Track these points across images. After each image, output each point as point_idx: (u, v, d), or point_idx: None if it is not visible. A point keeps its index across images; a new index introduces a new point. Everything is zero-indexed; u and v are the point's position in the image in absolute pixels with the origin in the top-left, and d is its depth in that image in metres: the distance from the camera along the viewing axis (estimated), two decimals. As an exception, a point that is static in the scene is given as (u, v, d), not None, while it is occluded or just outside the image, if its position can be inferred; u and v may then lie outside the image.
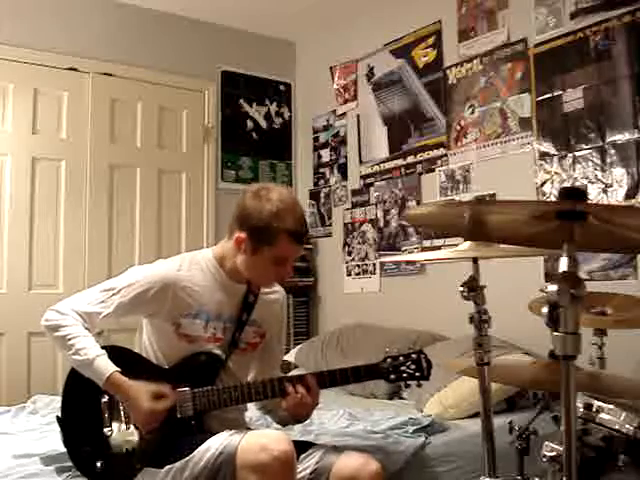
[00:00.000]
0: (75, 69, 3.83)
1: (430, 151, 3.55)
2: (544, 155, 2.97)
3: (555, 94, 2.93)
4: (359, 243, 3.97)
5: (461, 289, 1.63)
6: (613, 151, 2.72)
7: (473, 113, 3.32)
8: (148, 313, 1.92)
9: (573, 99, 2.86)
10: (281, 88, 4.58)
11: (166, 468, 1.67)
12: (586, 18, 2.84)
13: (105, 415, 1.80)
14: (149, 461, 1.75)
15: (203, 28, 4.27)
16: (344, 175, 4.13)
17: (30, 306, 3.31)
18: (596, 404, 1.57)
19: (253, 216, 1.83)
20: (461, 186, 3.36)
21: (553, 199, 2.86)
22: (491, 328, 1.66)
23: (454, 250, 1.79)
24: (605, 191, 2.74)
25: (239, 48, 4.41)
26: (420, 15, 3.63)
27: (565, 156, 2.89)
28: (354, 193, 4.05)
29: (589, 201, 1.50)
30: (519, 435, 1.71)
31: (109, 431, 1.79)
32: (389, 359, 1.87)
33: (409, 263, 3.58)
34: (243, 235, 1.85)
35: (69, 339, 1.77)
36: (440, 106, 3.51)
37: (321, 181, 4.34)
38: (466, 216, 1.20)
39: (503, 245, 1.68)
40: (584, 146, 2.82)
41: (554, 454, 1.45)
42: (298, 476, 1.70)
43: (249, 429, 1.90)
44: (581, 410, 1.58)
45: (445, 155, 3.46)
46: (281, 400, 1.82)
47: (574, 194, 1.09)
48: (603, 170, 2.75)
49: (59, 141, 3.77)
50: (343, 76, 4.17)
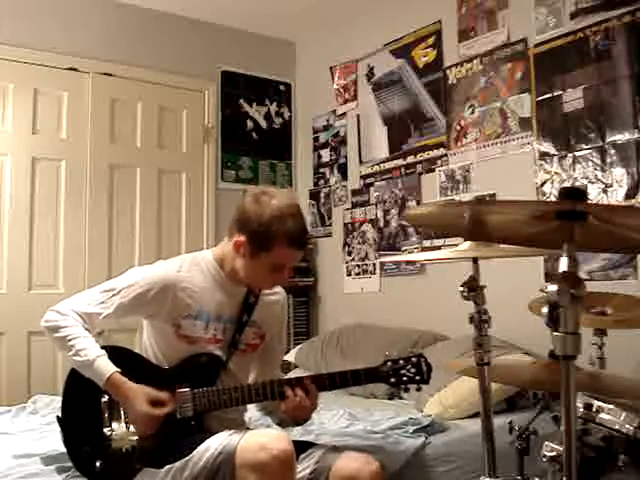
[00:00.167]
0: (75, 69, 3.83)
1: (430, 151, 3.55)
2: (544, 155, 2.97)
3: (555, 94, 2.93)
4: (359, 243, 3.97)
5: (461, 289, 1.63)
6: (613, 151, 2.72)
7: (473, 113, 3.32)
8: (148, 314, 1.92)
9: (573, 99, 2.86)
10: (281, 88, 4.58)
11: (166, 468, 1.67)
12: (586, 18, 2.84)
13: (105, 415, 1.79)
14: (149, 461, 1.75)
15: (203, 28, 4.27)
16: (344, 175, 4.13)
17: (30, 306, 3.31)
18: (596, 404, 1.57)
19: (253, 220, 1.83)
20: (461, 186, 3.36)
21: (553, 199, 2.86)
22: (491, 328, 1.66)
23: (454, 250, 1.79)
24: (605, 191, 2.74)
25: (239, 48, 4.41)
26: (420, 15, 3.63)
27: (565, 156, 2.89)
28: (354, 193, 4.05)
29: (589, 201, 1.50)
30: (519, 435, 1.71)
31: (109, 431, 1.78)
32: (389, 362, 1.86)
33: (409, 263, 3.58)
34: (242, 239, 1.84)
35: (69, 340, 1.77)
36: (440, 106, 3.50)
37: (321, 181, 4.34)
38: (466, 216, 1.20)
39: (503, 245, 1.68)
40: (584, 146, 2.82)
41: (554, 454, 1.45)
42: (298, 476, 1.70)
43: (249, 429, 1.90)
44: (581, 410, 1.58)
45: (445, 155, 3.46)
46: (280, 402, 1.82)
47: (574, 194, 1.09)
48: (603, 170, 2.75)
49: (59, 141, 3.77)
50: (343, 76, 4.17)
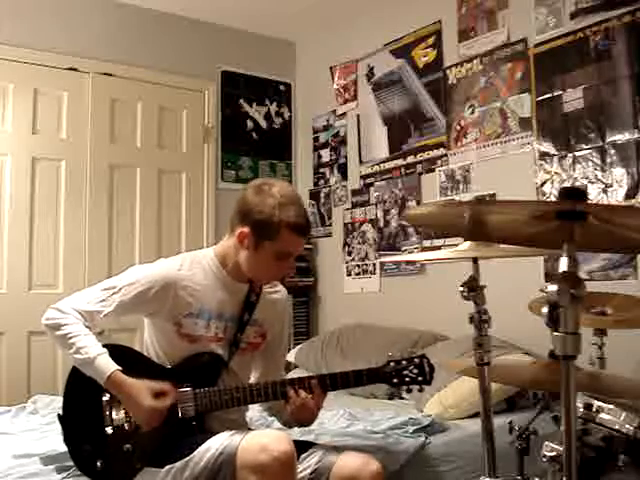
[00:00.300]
0: (75, 69, 3.82)
1: (430, 151, 3.55)
2: (544, 155, 2.97)
3: (555, 94, 2.93)
4: (359, 243, 3.97)
5: (461, 289, 1.63)
6: (613, 151, 2.72)
7: (473, 113, 3.32)
8: (149, 312, 1.92)
9: (573, 99, 2.86)
10: (281, 88, 4.58)
11: (166, 468, 1.67)
12: (586, 18, 2.84)
13: (106, 414, 1.80)
14: (149, 461, 1.75)
15: (203, 28, 4.27)
16: (344, 175, 4.13)
17: (30, 306, 3.31)
18: (596, 404, 1.57)
19: (255, 210, 1.83)
20: (461, 186, 3.36)
21: (553, 199, 2.86)
22: (491, 328, 1.66)
23: (454, 250, 1.79)
24: (605, 191, 2.74)
25: (239, 48, 4.41)
26: (420, 15, 3.63)
27: (565, 156, 2.89)
28: (354, 193, 4.05)
29: (589, 201, 1.50)
30: (519, 435, 1.71)
31: (110, 430, 1.79)
32: (392, 363, 1.86)
33: (409, 263, 3.58)
34: (246, 230, 1.84)
35: (70, 338, 1.77)
36: (440, 106, 3.51)
37: (321, 181, 4.34)
38: (466, 216, 1.20)
39: (503, 245, 1.68)
40: (584, 146, 2.82)
41: (554, 454, 1.45)
42: (298, 476, 1.70)
43: (250, 429, 1.90)
44: (581, 410, 1.58)
45: (445, 155, 3.46)
46: (285, 403, 1.82)
47: (574, 194, 1.09)
48: (603, 170, 2.75)
49: (59, 141, 3.77)
50: (343, 76, 4.17)
